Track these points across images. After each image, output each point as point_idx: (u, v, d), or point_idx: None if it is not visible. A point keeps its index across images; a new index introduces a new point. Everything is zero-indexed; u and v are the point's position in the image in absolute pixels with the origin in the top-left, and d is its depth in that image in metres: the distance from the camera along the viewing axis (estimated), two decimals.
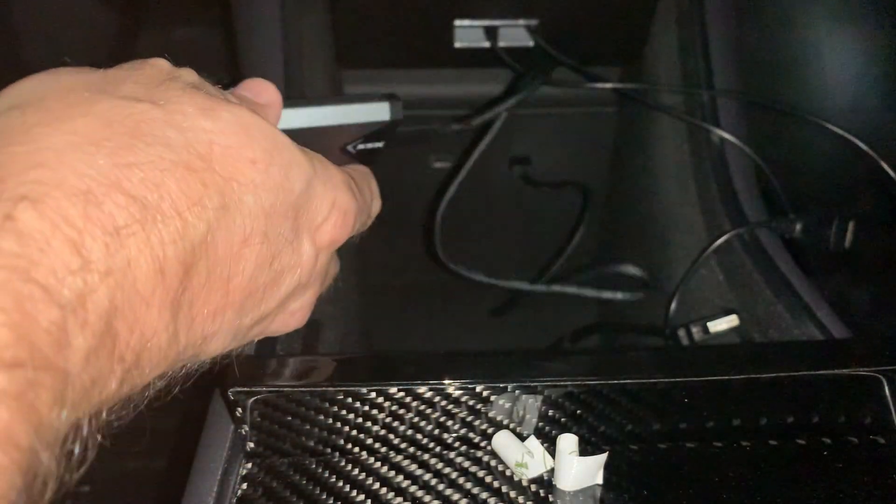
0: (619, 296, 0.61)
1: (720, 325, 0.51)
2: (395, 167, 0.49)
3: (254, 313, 0.26)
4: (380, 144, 0.40)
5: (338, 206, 0.28)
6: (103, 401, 0.20)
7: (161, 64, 0.25)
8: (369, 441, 0.34)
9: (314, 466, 0.33)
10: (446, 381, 0.33)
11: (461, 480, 0.33)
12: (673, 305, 0.55)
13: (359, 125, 0.37)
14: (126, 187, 0.20)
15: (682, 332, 0.51)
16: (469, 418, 0.34)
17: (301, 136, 0.28)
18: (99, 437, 0.20)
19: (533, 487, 0.32)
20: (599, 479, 0.32)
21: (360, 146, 0.39)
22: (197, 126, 0.23)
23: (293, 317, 0.29)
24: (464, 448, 0.34)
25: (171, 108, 0.22)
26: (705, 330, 0.51)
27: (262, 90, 0.29)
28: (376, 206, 0.32)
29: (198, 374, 0.26)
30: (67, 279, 0.18)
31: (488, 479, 0.33)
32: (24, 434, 0.16)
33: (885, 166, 0.52)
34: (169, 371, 0.23)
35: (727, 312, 0.51)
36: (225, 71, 0.65)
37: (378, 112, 0.38)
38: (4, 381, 0.16)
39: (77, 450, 0.19)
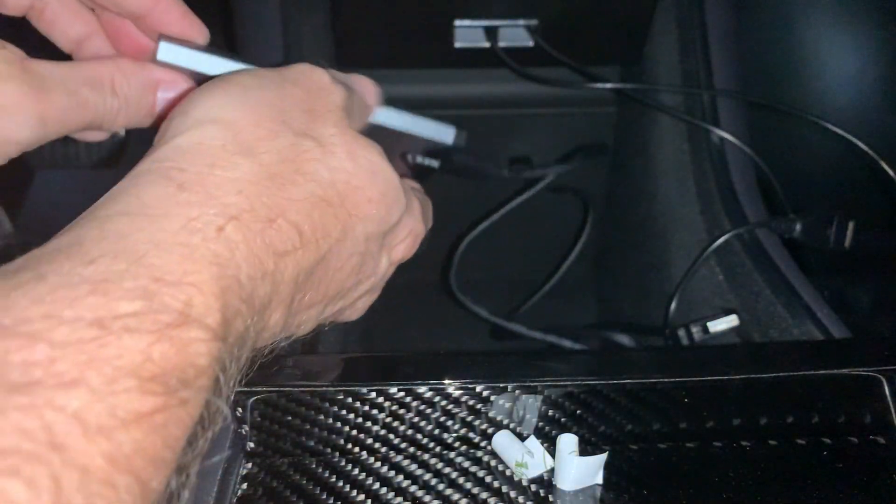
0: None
1: (720, 325, 0.51)
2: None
3: (335, 306, 0.32)
4: (435, 164, 0.44)
5: (413, 232, 0.34)
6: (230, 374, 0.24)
7: (323, 81, 0.30)
8: (369, 441, 0.34)
9: (314, 466, 0.33)
10: (446, 381, 0.33)
11: (461, 480, 0.33)
12: (673, 305, 0.55)
13: (424, 139, 0.42)
14: (290, 217, 0.26)
15: (681, 332, 0.51)
16: (469, 418, 0.34)
17: (375, 132, 0.33)
18: None
19: (533, 487, 0.32)
20: (599, 479, 0.32)
21: (419, 160, 0.44)
22: (342, 167, 0.28)
23: (357, 310, 0.35)
24: (464, 448, 0.34)
25: (327, 148, 0.28)
26: (705, 330, 0.51)
27: (370, 93, 0.35)
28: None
29: None
30: (250, 283, 0.24)
31: (488, 479, 0.33)
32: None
33: (885, 166, 0.52)
34: (265, 349, 0.28)
35: (727, 312, 0.51)
36: None
37: (444, 133, 0.43)
38: (210, 343, 0.21)
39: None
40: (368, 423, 0.34)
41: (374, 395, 0.34)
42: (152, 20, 0.31)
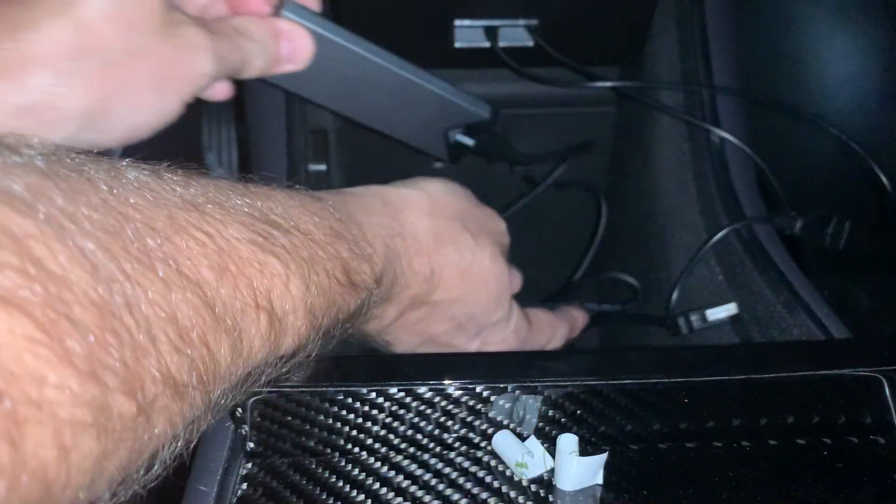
0: (618, 307, 0.64)
1: (719, 313, 0.51)
2: (396, 167, 0.49)
3: (424, 350, 0.42)
4: (471, 142, 0.51)
5: (506, 342, 0.44)
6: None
7: (500, 228, 0.45)
8: (369, 441, 0.34)
9: (314, 466, 0.33)
10: (446, 382, 0.33)
11: (461, 480, 0.33)
12: (674, 296, 0.55)
13: (462, 110, 0.49)
14: (432, 259, 0.38)
15: (681, 321, 0.52)
16: (469, 418, 0.34)
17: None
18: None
19: (533, 487, 0.32)
20: (599, 479, 0.32)
21: (458, 136, 0.50)
22: (480, 262, 0.41)
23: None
24: (464, 448, 0.34)
25: (478, 245, 0.41)
26: (703, 318, 0.51)
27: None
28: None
29: None
30: (394, 275, 0.35)
31: (488, 479, 0.33)
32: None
33: (876, 168, 0.52)
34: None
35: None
36: None
37: (481, 108, 0.50)
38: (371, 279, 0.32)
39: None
40: (368, 424, 0.34)
41: (373, 395, 0.34)
42: None
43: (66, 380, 0.16)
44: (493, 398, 0.34)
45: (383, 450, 0.34)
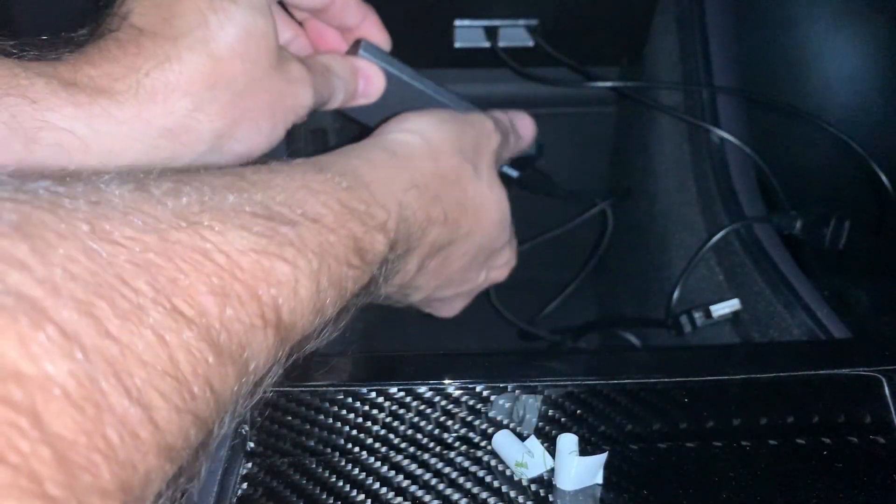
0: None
1: (722, 309, 0.50)
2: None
3: (441, 292, 0.44)
4: (515, 175, 0.54)
5: (508, 263, 0.47)
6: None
7: (489, 128, 0.44)
8: (369, 441, 0.34)
9: (314, 466, 0.33)
10: (446, 381, 0.33)
11: (461, 480, 0.33)
12: (675, 295, 0.55)
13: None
14: (444, 202, 0.38)
15: (684, 319, 0.51)
16: (469, 418, 0.34)
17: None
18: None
19: (533, 487, 0.32)
20: (599, 479, 0.32)
21: (504, 168, 0.52)
22: (481, 192, 0.41)
23: (452, 308, 0.48)
24: (464, 448, 0.34)
25: (478, 175, 0.41)
26: (708, 314, 0.51)
27: (526, 126, 0.50)
28: None
29: None
30: (409, 227, 0.34)
31: (488, 478, 0.33)
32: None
33: (876, 168, 0.52)
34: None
35: None
36: None
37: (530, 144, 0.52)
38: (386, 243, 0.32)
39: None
40: (368, 423, 0.34)
41: (374, 395, 0.34)
42: (331, 15, 0.42)
43: None
44: (493, 398, 0.34)
45: (383, 449, 0.34)
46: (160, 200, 0.22)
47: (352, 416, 0.34)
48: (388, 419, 0.34)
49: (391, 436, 0.34)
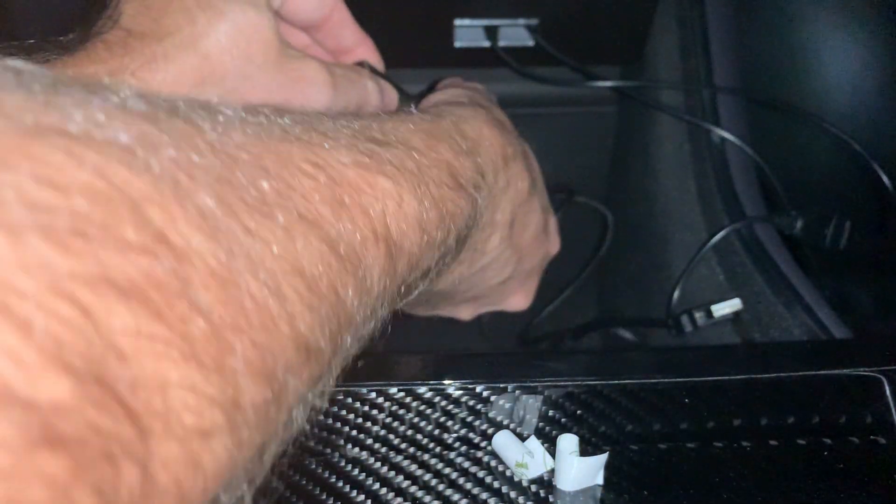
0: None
1: (724, 308, 0.50)
2: None
3: (520, 267, 0.42)
4: None
5: (556, 230, 0.47)
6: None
7: (486, 93, 0.45)
8: (369, 441, 0.34)
9: (314, 466, 0.33)
10: (446, 382, 0.33)
11: (461, 481, 0.33)
12: (675, 295, 0.55)
13: None
14: (513, 147, 0.38)
15: (685, 319, 0.51)
16: (469, 419, 0.34)
17: None
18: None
19: (533, 488, 0.32)
20: (600, 480, 0.32)
21: None
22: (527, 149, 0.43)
23: (528, 292, 0.46)
24: (464, 448, 0.34)
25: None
26: (709, 314, 0.50)
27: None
28: None
29: None
30: (503, 162, 0.36)
31: (488, 479, 0.33)
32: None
33: (877, 168, 0.52)
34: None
35: None
36: None
37: None
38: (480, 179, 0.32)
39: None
40: (368, 424, 0.34)
41: (373, 395, 0.33)
42: (327, 33, 0.42)
43: (192, 380, 0.15)
44: (493, 398, 0.34)
45: (383, 450, 0.34)
46: (267, 118, 0.22)
47: (351, 416, 0.34)
48: (388, 419, 0.34)
49: (391, 436, 0.34)
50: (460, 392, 0.34)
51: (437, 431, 0.34)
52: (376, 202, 0.24)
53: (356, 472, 0.33)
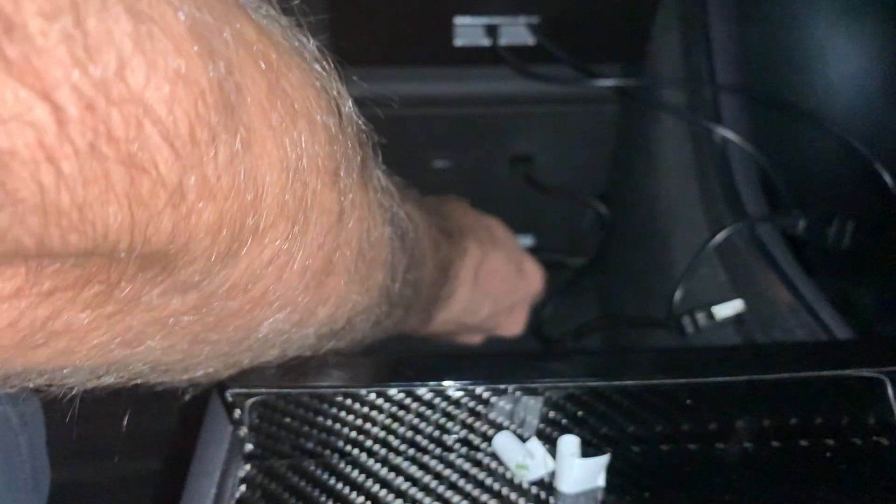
0: None
1: (725, 310, 0.49)
2: (395, 166, 0.49)
3: (500, 304, 0.52)
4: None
5: (537, 270, 0.56)
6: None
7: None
8: (369, 443, 0.34)
9: (313, 468, 0.33)
10: (446, 383, 0.33)
11: (461, 483, 0.33)
12: (677, 296, 0.54)
13: None
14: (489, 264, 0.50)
15: (686, 320, 0.51)
16: (469, 420, 0.34)
17: None
18: None
19: (534, 490, 0.32)
20: (601, 482, 0.32)
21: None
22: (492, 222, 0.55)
23: (516, 322, 0.56)
24: (464, 450, 0.34)
25: (524, 261, 0.55)
26: (710, 315, 0.50)
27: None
28: None
29: None
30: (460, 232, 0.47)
31: (488, 481, 0.33)
32: None
33: (880, 168, 0.52)
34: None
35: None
36: None
37: None
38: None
39: None
40: (368, 425, 0.34)
41: (373, 396, 0.33)
42: None
43: None
44: (493, 399, 0.34)
45: (383, 451, 0.34)
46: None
47: (351, 417, 0.33)
48: (388, 421, 0.34)
49: (391, 438, 0.34)
50: (460, 393, 0.33)
51: (436, 433, 0.34)
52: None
53: (355, 474, 0.33)
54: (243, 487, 0.32)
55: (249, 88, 0.17)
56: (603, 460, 0.32)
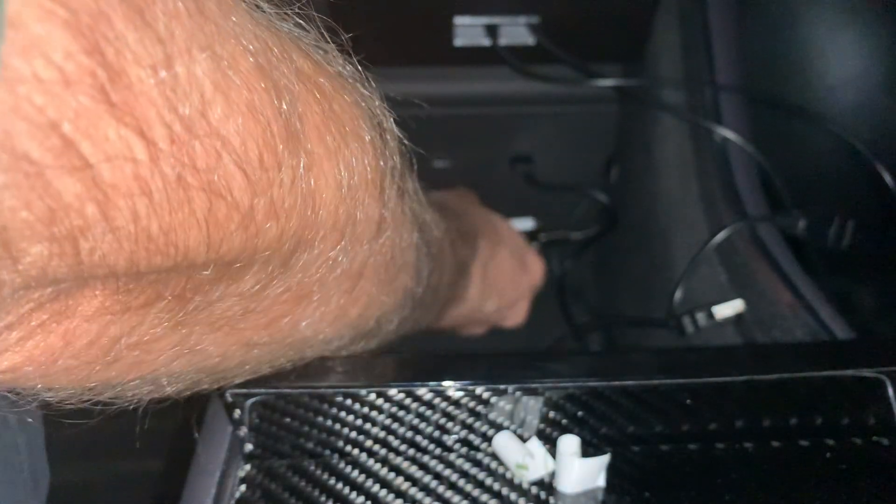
0: None
1: (725, 310, 0.49)
2: None
3: (507, 296, 0.55)
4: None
5: (539, 264, 0.60)
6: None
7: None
8: (368, 443, 0.34)
9: (313, 468, 0.33)
10: (446, 383, 0.33)
11: (461, 483, 0.32)
12: (676, 298, 0.54)
13: None
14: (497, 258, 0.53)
15: (686, 320, 0.50)
16: (469, 420, 0.34)
17: None
18: None
19: (533, 490, 0.32)
20: (601, 482, 0.32)
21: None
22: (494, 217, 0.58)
23: (520, 311, 0.58)
24: (464, 450, 0.34)
25: (527, 255, 0.58)
26: (710, 315, 0.50)
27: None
28: None
29: None
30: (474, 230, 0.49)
31: (488, 481, 0.33)
32: None
33: (880, 168, 0.52)
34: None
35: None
36: None
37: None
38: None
39: None
40: (368, 425, 0.34)
41: (373, 396, 0.33)
42: None
43: None
44: (493, 400, 0.34)
45: (382, 452, 0.34)
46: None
47: (351, 417, 0.33)
48: (388, 421, 0.34)
49: (390, 438, 0.34)
50: (460, 393, 0.33)
51: (436, 433, 0.34)
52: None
53: (355, 474, 0.33)
54: (243, 487, 0.32)
55: (307, 116, 0.19)
56: (603, 460, 0.32)
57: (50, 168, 0.12)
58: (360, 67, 0.23)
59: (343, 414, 0.33)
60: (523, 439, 0.33)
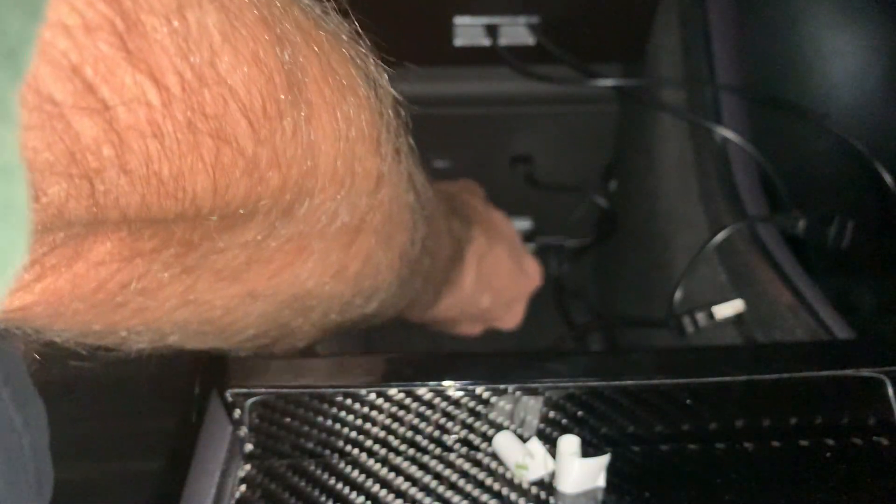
0: None
1: (725, 310, 0.49)
2: None
3: (501, 297, 0.55)
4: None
5: (536, 268, 0.59)
6: None
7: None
8: (368, 443, 0.34)
9: (313, 468, 0.33)
10: (446, 383, 0.33)
11: (461, 483, 0.32)
12: (676, 298, 0.54)
13: None
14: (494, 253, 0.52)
15: (686, 320, 0.50)
16: (469, 420, 0.34)
17: None
18: None
19: (533, 490, 0.32)
20: (601, 482, 0.32)
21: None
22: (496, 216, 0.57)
23: (515, 315, 0.58)
24: (464, 450, 0.34)
25: (524, 257, 0.58)
26: (710, 315, 0.50)
27: None
28: None
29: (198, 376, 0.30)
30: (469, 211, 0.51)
31: (488, 481, 0.33)
32: None
33: (880, 168, 0.52)
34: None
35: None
36: None
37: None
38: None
39: None
40: (367, 425, 0.34)
41: (373, 396, 0.33)
42: None
43: None
44: (493, 399, 0.34)
45: (382, 451, 0.34)
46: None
47: (351, 417, 0.33)
48: (388, 421, 0.34)
49: (390, 438, 0.34)
50: (460, 393, 0.33)
51: (436, 433, 0.34)
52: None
53: (355, 473, 0.33)
54: (243, 487, 0.32)
55: (307, 69, 0.19)
56: (603, 460, 0.32)
57: (71, 109, 0.13)
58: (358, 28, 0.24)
59: (343, 414, 0.33)
60: (523, 439, 0.33)
